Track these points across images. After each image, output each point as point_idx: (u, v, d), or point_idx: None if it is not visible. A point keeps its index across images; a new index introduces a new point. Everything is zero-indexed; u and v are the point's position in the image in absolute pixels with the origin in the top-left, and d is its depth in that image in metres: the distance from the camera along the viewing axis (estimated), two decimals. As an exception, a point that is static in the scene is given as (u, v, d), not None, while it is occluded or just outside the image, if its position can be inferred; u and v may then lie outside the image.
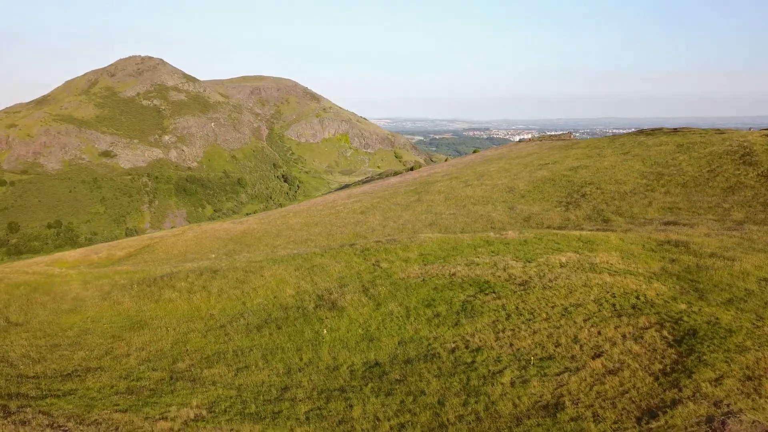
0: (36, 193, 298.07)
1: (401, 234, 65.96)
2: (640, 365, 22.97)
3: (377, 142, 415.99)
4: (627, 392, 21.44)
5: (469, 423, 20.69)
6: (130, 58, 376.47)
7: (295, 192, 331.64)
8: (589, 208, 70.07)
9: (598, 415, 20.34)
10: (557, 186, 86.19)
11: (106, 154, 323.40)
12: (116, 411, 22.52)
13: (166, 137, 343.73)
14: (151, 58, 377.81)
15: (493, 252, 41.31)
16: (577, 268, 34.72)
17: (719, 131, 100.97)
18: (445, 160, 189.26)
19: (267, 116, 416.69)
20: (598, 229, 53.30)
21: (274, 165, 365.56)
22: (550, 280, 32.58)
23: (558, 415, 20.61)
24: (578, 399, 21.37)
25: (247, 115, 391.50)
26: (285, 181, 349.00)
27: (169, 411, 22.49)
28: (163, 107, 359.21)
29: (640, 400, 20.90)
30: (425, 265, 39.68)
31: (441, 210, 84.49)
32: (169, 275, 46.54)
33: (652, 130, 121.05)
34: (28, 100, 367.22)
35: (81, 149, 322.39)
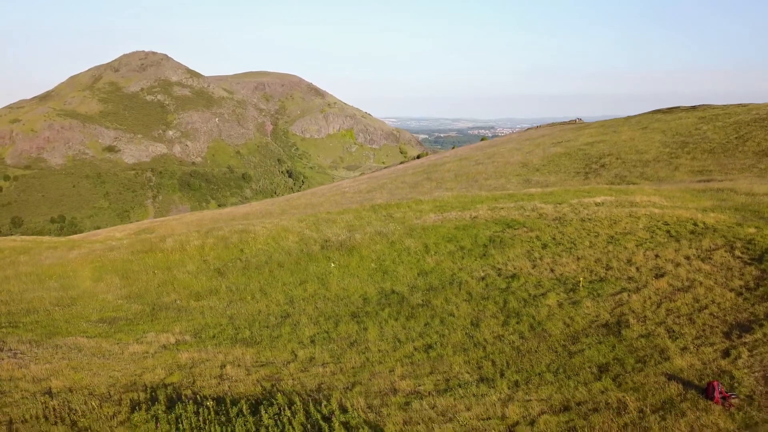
0: (39, 188, 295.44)
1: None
2: (715, 282, 19.00)
3: (382, 137, 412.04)
4: (705, 308, 17.48)
5: (512, 342, 16.78)
6: (133, 53, 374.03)
7: (300, 187, 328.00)
8: (611, 175, 65.95)
9: (673, 331, 16.40)
10: (573, 159, 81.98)
11: (110, 149, 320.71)
12: (83, 337, 18.74)
13: (170, 132, 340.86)
14: (154, 53, 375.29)
15: (516, 200, 37.39)
16: (617, 205, 30.74)
17: (742, 105, 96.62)
18: (452, 148, 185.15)
19: (271, 112, 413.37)
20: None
21: (278, 160, 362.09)
22: (588, 215, 28.62)
23: (623, 332, 16.67)
24: (644, 317, 17.44)
25: (251, 111, 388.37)
26: (290, 176, 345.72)
27: (145, 337, 18.69)
28: (167, 102, 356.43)
29: (725, 315, 16.94)
30: (442, 213, 35.78)
31: (451, 186, 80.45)
32: (163, 237, 42.87)
33: (669, 108, 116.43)
34: (31, 97, 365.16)
35: (85, 144, 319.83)
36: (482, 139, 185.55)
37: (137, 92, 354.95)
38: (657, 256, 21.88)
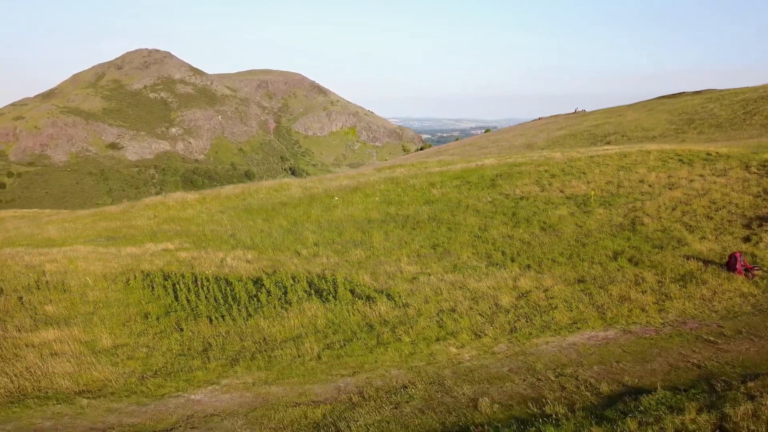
0: (43, 184, 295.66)
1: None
2: (732, 190, 18.37)
3: (385, 135, 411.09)
4: (723, 208, 16.87)
5: (522, 239, 16.17)
6: (137, 51, 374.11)
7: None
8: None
9: (691, 226, 15.80)
10: (578, 139, 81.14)
11: (113, 146, 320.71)
12: (80, 245, 18.20)
13: (173, 129, 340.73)
14: (158, 51, 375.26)
15: (524, 154, 36.82)
16: (626, 151, 30.15)
17: (749, 87, 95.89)
18: (456, 140, 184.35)
19: (274, 109, 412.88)
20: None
21: (281, 158, 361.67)
22: (597, 154, 28.03)
23: (637, 228, 16.08)
24: (659, 217, 16.83)
25: (254, 108, 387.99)
26: (293, 173, 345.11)
27: (144, 245, 18.13)
28: (170, 100, 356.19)
29: (743, 212, 16.33)
30: (446, 166, 35.22)
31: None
32: (159, 201, 42.38)
33: (674, 94, 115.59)
34: (35, 95, 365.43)
35: (88, 141, 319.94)
36: (486, 131, 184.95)
37: (140, 90, 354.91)
38: (670, 176, 21.26)
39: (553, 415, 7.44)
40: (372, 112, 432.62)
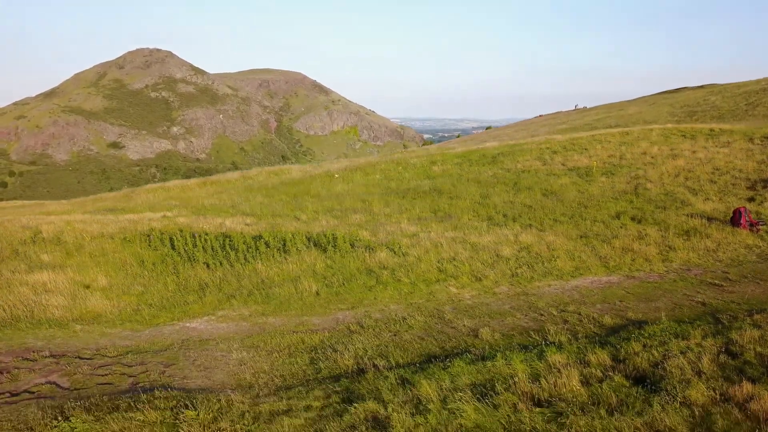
0: (44, 183, 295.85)
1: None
2: (736, 157, 18.21)
3: (386, 134, 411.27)
4: (727, 173, 16.70)
5: (524, 203, 16.00)
6: (138, 50, 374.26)
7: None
8: (619, 141, 65.09)
9: (694, 189, 15.64)
10: (580, 131, 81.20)
11: (115, 145, 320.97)
12: (78, 214, 18.09)
13: (175, 129, 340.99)
14: (159, 50, 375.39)
15: (524, 139, 36.65)
16: (627, 130, 29.97)
17: (751, 81, 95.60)
18: (457, 136, 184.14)
19: (276, 108, 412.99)
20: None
21: (282, 157, 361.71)
22: (599, 133, 27.92)
23: (640, 192, 15.91)
24: (662, 183, 16.66)
25: (255, 108, 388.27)
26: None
27: (142, 214, 18.02)
28: (172, 99, 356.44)
29: (747, 176, 16.16)
30: (445, 150, 35.08)
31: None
32: (159, 186, 42.30)
33: (676, 89, 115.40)
34: (36, 94, 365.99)
35: (89, 140, 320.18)
36: (488, 128, 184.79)
37: (142, 89, 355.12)
38: (672, 149, 21.09)
39: (556, 342, 7.28)
40: (373, 112, 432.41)
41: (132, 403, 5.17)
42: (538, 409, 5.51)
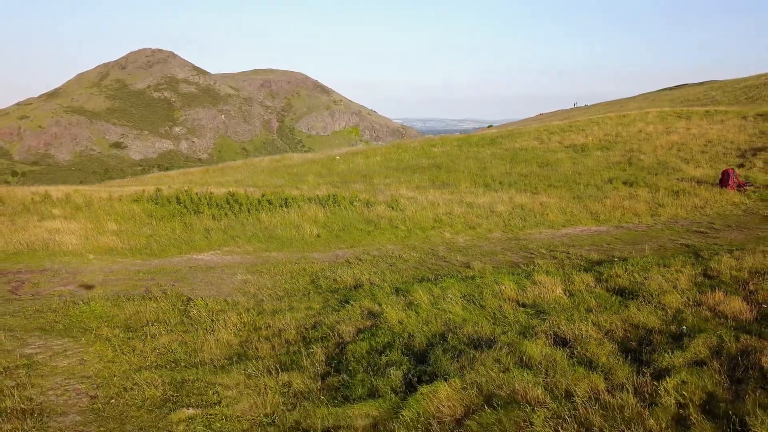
0: (47, 183, 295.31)
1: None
2: (728, 132, 18.61)
3: (388, 134, 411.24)
4: (719, 144, 17.10)
5: (520, 173, 16.39)
6: (140, 50, 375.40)
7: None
8: (619, 134, 65.42)
9: (686, 159, 16.04)
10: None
11: (117, 145, 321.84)
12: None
13: (177, 129, 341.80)
14: (161, 50, 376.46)
15: (523, 124, 37.06)
16: (624, 113, 30.36)
17: (752, 76, 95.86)
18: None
19: (277, 109, 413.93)
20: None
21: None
22: (597, 117, 28.30)
23: (633, 162, 16.32)
24: (656, 155, 17.06)
25: (257, 108, 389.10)
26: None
27: (143, 188, 18.48)
28: (174, 99, 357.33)
29: (738, 147, 16.56)
30: (446, 146, 35.50)
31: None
32: (162, 175, 42.81)
33: (676, 86, 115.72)
34: (39, 95, 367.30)
35: (92, 140, 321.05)
36: (489, 126, 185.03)
37: (144, 89, 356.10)
38: (668, 127, 21.50)
39: (544, 269, 7.68)
40: (375, 112, 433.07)
41: (147, 296, 5.58)
42: (522, 309, 5.92)
